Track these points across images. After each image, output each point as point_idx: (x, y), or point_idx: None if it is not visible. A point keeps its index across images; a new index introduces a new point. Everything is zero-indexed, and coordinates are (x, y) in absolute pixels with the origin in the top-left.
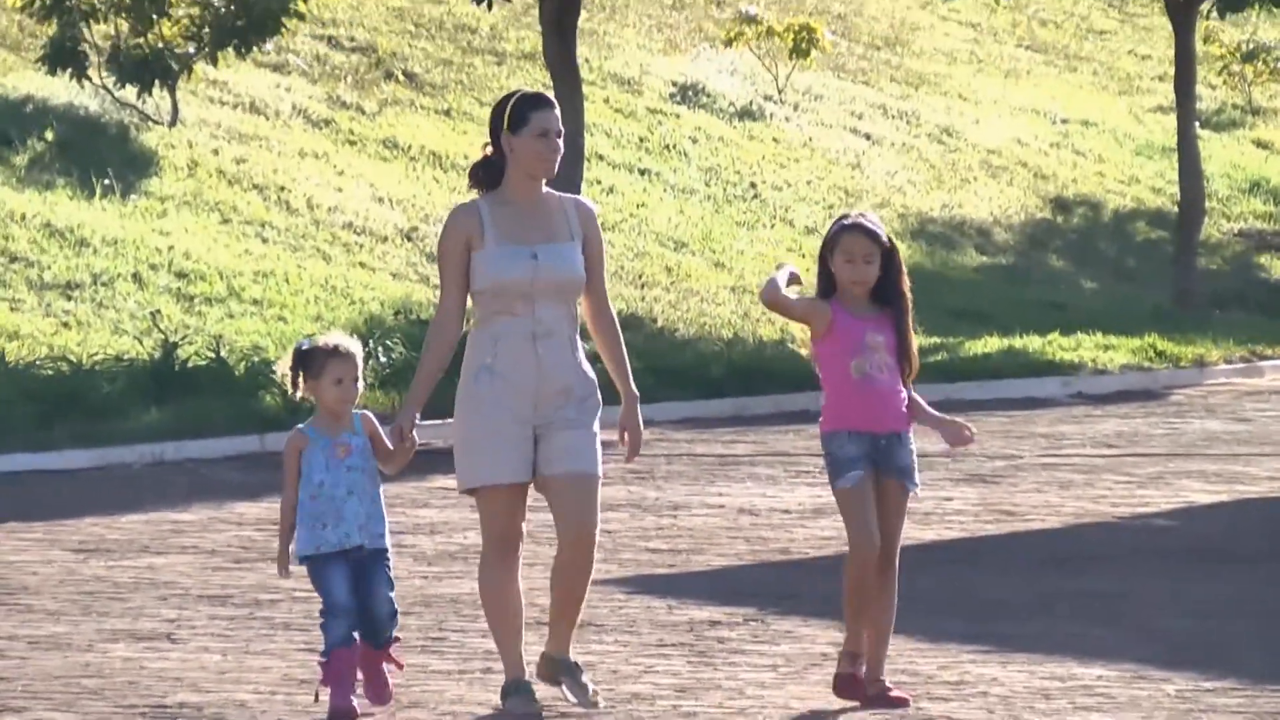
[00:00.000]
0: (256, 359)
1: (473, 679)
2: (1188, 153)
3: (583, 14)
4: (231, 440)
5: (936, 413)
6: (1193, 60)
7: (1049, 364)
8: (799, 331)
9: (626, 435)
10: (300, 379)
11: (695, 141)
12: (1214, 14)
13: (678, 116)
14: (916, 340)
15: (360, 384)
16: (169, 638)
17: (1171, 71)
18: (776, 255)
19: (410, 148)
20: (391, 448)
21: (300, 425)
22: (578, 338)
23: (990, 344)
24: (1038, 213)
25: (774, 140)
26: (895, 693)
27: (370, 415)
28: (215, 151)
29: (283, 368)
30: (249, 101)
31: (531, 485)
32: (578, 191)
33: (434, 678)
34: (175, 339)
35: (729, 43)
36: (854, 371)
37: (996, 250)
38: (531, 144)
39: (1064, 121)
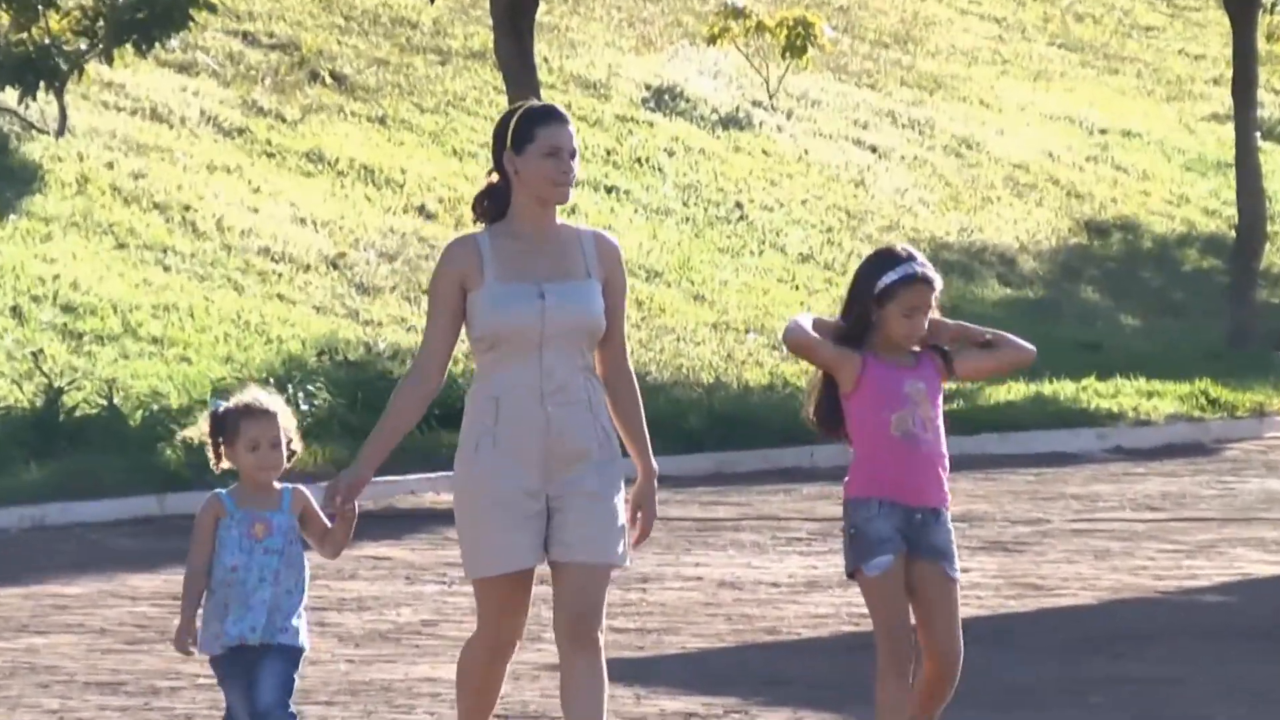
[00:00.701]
0: (155, 407)
1: None
2: (1247, 168)
3: (541, 6)
4: (125, 501)
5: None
6: (1253, 61)
7: (1083, 413)
8: (812, 393)
9: (640, 515)
10: (220, 447)
11: (671, 154)
12: (1278, 7)
13: (651, 125)
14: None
15: (284, 448)
16: None
17: (1229, 74)
18: (765, 286)
19: (338, 161)
20: (326, 522)
21: (220, 490)
22: (598, 392)
23: (1015, 390)
24: (1071, 238)
25: (764, 153)
26: None
27: (304, 491)
28: (110, 165)
29: (199, 436)
30: (150, 107)
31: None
32: None
33: None
34: (61, 383)
35: (712, 40)
36: (894, 428)
37: (1022, 281)
38: (539, 164)
39: (1102, 132)
